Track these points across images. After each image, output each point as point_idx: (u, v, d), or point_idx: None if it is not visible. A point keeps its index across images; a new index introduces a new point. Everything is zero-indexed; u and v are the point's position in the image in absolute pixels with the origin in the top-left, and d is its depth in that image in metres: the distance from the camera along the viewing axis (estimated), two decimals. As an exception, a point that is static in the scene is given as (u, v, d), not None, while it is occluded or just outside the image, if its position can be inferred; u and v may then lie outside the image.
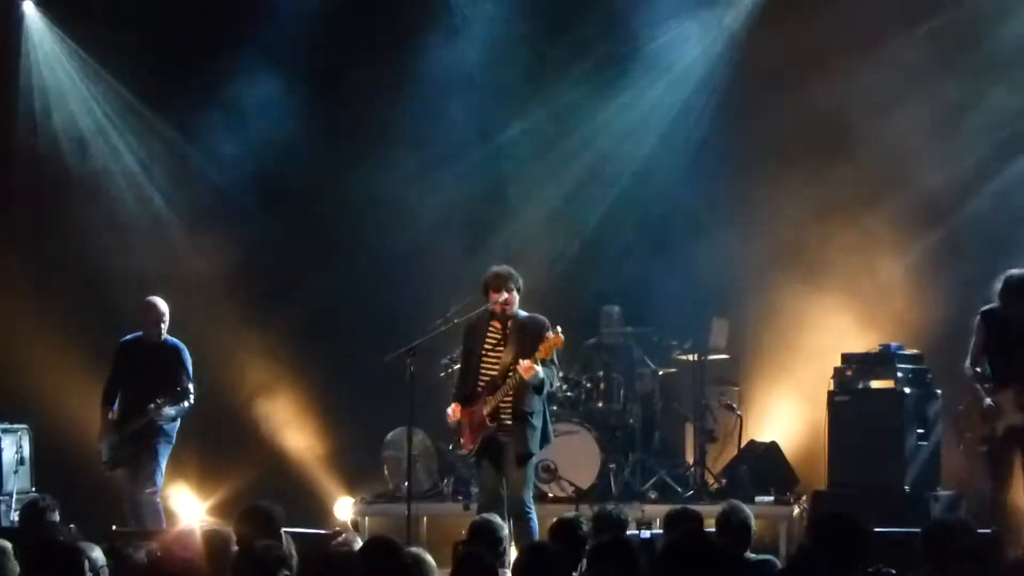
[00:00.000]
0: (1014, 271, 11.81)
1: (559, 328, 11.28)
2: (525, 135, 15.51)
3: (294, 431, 15.15)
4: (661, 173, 15.28)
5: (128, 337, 12.85)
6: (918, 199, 14.53)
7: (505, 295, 11.30)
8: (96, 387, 12.94)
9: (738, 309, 14.80)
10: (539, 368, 11.08)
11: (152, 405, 12.28)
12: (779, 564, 7.74)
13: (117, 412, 12.58)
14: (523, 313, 11.45)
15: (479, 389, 11.36)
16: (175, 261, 15.21)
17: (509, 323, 11.36)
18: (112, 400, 12.66)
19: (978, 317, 11.90)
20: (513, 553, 9.70)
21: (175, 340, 12.73)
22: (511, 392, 11.21)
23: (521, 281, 11.48)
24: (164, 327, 12.68)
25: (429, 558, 7.51)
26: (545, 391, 11.32)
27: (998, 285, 11.80)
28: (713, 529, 8.78)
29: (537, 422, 11.33)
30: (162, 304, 12.73)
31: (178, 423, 12.60)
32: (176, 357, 12.61)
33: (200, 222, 15.35)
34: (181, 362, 12.59)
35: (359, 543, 8.13)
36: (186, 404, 12.47)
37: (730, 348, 14.82)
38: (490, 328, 11.43)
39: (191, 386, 12.51)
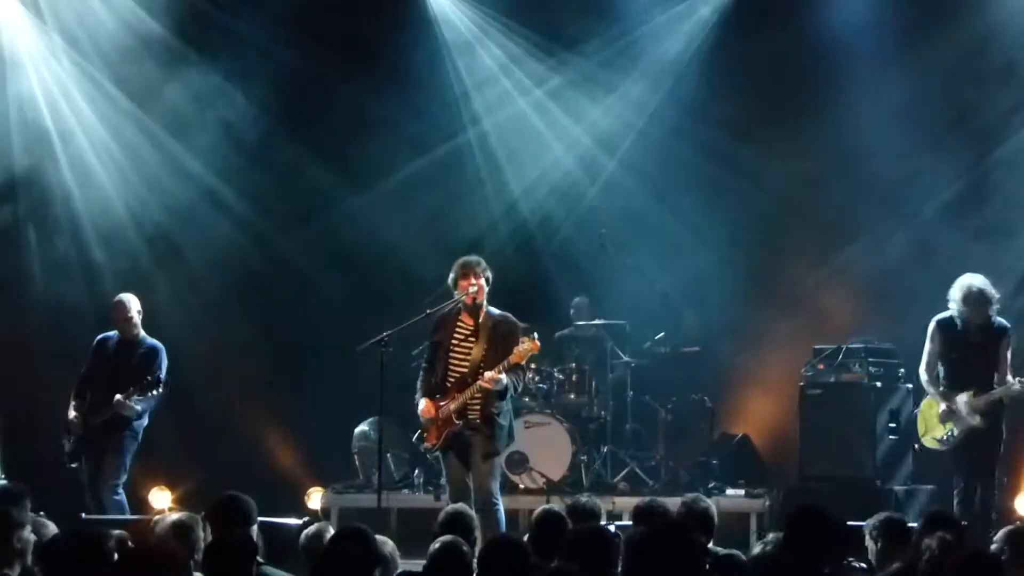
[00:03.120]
0: (973, 279, 11.83)
1: (535, 335, 11.28)
2: (498, 128, 15.54)
3: (266, 421, 15.09)
4: (638, 167, 15.32)
5: (106, 334, 12.75)
6: (892, 193, 14.60)
7: (474, 283, 11.25)
8: (66, 376, 12.88)
9: (709, 302, 14.78)
10: (503, 377, 11.08)
11: (119, 396, 12.18)
12: (744, 558, 7.71)
13: (86, 406, 12.48)
14: (495, 310, 11.41)
15: (448, 384, 11.33)
16: (146, 256, 15.14)
17: (480, 318, 11.32)
18: (83, 393, 12.56)
19: (933, 324, 12.02)
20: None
21: (153, 341, 12.60)
22: (479, 392, 11.21)
23: (490, 273, 11.45)
24: (136, 322, 12.56)
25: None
26: (509, 395, 11.33)
27: (955, 291, 11.85)
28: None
29: (504, 421, 11.32)
30: (130, 300, 12.61)
31: (145, 421, 12.47)
32: (151, 356, 12.47)
33: (174, 219, 15.30)
34: (155, 361, 12.44)
35: (330, 532, 8.09)
36: (152, 396, 12.30)
37: (701, 340, 14.82)
38: (459, 322, 11.39)
39: (162, 386, 12.38)
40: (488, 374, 11.07)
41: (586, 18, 15.14)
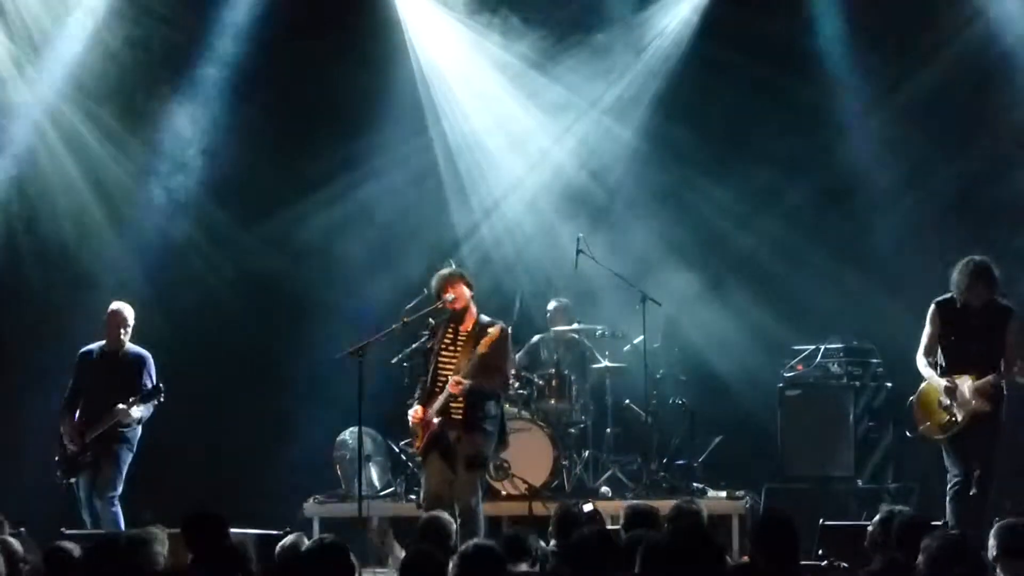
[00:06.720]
0: (975, 258, 11.46)
1: (502, 323, 11.52)
2: (471, 131, 15.56)
3: (246, 432, 15.04)
4: (614, 168, 15.35)
5: (89, 347, 12.73)
6: (872, 194, 14.64)
7: (452, 294, 11.45)
8: (37, 390, 12.89)
9: (688, 304, 14.77)
10: (467, 382, 11.23)
11: (120, 405, 12.17)
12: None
13: (78, 420, 12.43)
14: (485, 317, 11.65)
15: (436, 389, 11.49)
16: (125, 265, 15.16)
17: (468, 326, 11.52)
18: (73, 409, 12.52)
19: (932, 307, 11.61)
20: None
21: (138, 349, 12.62)
22: (462, 396, 11.32)
23: (467, 276, 11.71)
24: (126, 334, 12.57)
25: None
26: (499, 399, 11.51)
27: (956, 272, 11.44)
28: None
29: (491, 427, 11.41)
30: (125, 310, 12.65)
31: (139, 431, 12.47)
32: (137, 365, 12.49)
33: (139, 229, 15.36)
34: (143, 369, 12.48)
35: (306, 543, 8.08)
36: (154, 403, 12.33)
37: (679, 343, 14.81)
38: (448, 329, 11.60)
39: (160, 387, 12.41)
40: (453, 378, 11.26)
41: (560, 17, 15.15)
